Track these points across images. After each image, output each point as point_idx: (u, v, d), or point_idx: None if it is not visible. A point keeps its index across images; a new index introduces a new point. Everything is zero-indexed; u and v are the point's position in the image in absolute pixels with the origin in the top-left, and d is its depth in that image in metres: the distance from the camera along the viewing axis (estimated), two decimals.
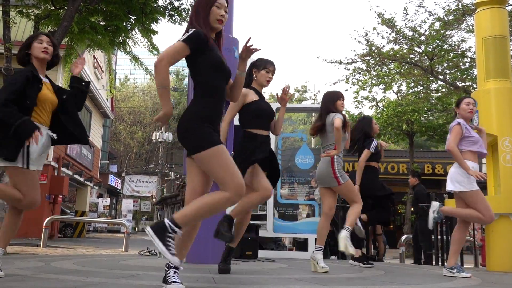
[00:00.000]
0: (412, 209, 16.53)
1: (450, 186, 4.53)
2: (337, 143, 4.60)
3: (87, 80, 3.91)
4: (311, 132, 5.00)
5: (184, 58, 2.76)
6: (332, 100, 4.87)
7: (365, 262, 5.52)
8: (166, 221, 2.58)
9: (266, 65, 4.17)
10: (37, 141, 3.08)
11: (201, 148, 2.64)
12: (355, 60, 14.77)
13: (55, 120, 3.45)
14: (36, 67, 3.41)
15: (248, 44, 2.83)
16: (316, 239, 4.86)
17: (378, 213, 6.12)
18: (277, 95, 4.22)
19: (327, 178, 4.67)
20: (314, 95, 35.24)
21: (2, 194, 3.26)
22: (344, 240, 4.47)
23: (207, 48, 2.73)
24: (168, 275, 2.62)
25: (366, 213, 5.91)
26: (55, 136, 3.42)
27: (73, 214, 19.87)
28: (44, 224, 9.42)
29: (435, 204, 4.75)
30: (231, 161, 2.67)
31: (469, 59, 13.35)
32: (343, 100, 4.91)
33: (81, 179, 19.80)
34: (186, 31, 2.75)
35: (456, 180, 4.48)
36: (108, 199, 29.35)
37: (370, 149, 5.89)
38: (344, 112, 4.90)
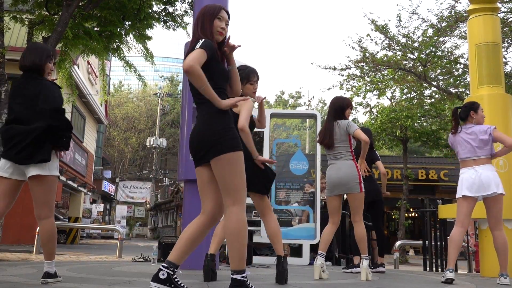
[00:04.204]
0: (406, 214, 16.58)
1: (495, 189, 4.43)
2: (364, 152, 4.54)
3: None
4: (323, 144, 4.66)
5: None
6: (344, 106, 4.66)
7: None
8: (163, 268, 2.64)
9: (249, 78, 3.90)
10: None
11: (233, 148, 2.69)
12: (349, 66, 14.83)
13: None
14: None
15: (229, 42, 2.93)
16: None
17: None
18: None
19: (351, 183, 4.41)
20: (308, 101, 35.37)
21: None
22: (366, 270, 4.39)
23: (217, 57, 2.84)
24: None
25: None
26: None
27: (67, 220, 19.73)
28: (37, 231, 9.35)
29: None
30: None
31: (462, 66, 13.43)
32: (351, 109, 4.84)
33: (75, 185, 19.67)
34: (195, 41, 2.79)
35: (499, 182, 4.47)
36: (102, 205, 29.17)
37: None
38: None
